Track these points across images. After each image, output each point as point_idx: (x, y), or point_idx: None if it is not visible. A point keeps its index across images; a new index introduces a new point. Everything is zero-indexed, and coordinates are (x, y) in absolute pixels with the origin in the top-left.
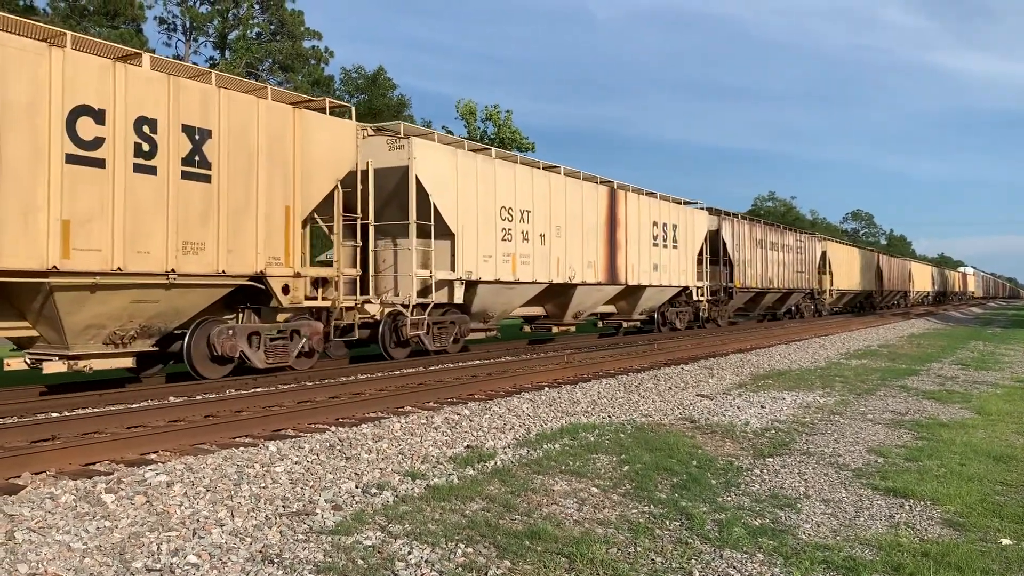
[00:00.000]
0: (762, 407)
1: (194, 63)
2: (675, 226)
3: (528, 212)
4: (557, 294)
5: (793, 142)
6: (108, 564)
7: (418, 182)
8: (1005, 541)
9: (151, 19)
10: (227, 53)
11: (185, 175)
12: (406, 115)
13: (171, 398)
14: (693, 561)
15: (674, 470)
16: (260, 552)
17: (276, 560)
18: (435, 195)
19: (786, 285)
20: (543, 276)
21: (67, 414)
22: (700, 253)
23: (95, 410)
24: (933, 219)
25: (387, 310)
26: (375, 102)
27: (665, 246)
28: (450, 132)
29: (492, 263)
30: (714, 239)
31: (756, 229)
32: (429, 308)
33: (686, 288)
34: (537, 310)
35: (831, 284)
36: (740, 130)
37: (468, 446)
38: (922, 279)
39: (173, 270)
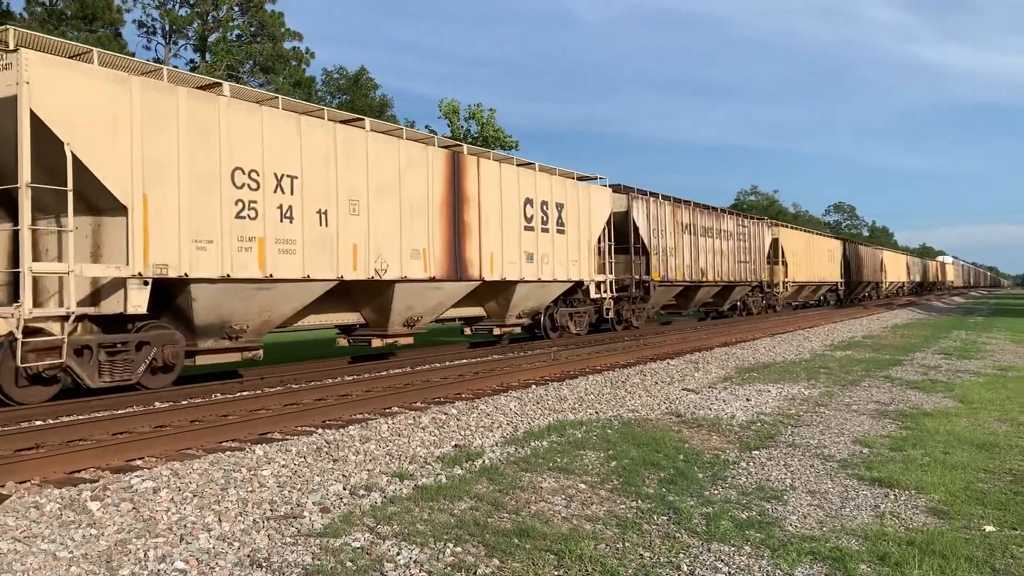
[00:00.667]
0: (748, 400)
1: (175, 66)
2: (561, 205)
3: (294, 179)
4: (370, 294)
5: (776, 137)
6: (95, 572)
7: (38, 120)
8: (988, 528)
9: (130, 23)
10: (207, 56)
11: None
12: (389, 115)
13: (156, 403)
14: (681, 555)
15: (661, 465)
16: (248, 556)
17: (264, 564)
18: (77, 143)
19: (726, 277)
20: (326, 271)
21: (51, 422)
22: (600, 240)
23: (80, 417)
24: (915, 210)
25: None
26: (357, 103)
27: (546, 230)
28: (433, 132)
29: (217, 250)
30: (623, 222)
31: (682, 211)
32: (70, 322)
33: (580, 283)
34: (349, 316)
35: (785, 276)
36: (723, 126)
37: (456, 445)
38: (896, 269)
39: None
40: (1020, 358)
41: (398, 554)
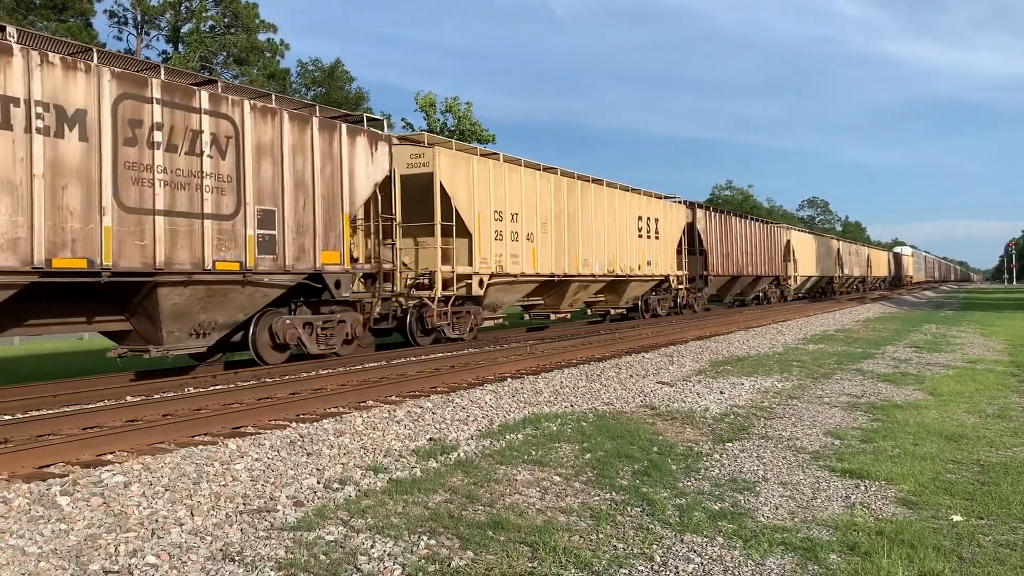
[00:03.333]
0: (721, 393)
1: (146, 57)
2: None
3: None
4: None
5: (750, 132)
6: (64, 568)
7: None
8: (956, 518)
9: (100, 12)
10: (180, 47)
11: None
12: (364, 108)
13: (128, 397)
14: (654, 546)
15: (635, 457)
16: (220, 550)
17: (237, 558)
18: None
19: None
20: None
21: (20, 416)
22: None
23: (49, 411)
24: (886, 205)
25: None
26: (333, 95)
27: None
28: (410, 125)
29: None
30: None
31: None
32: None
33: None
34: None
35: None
36: (698, 121)
37: (431, 439)
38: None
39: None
40: (989, 351)
41: (372, 547)
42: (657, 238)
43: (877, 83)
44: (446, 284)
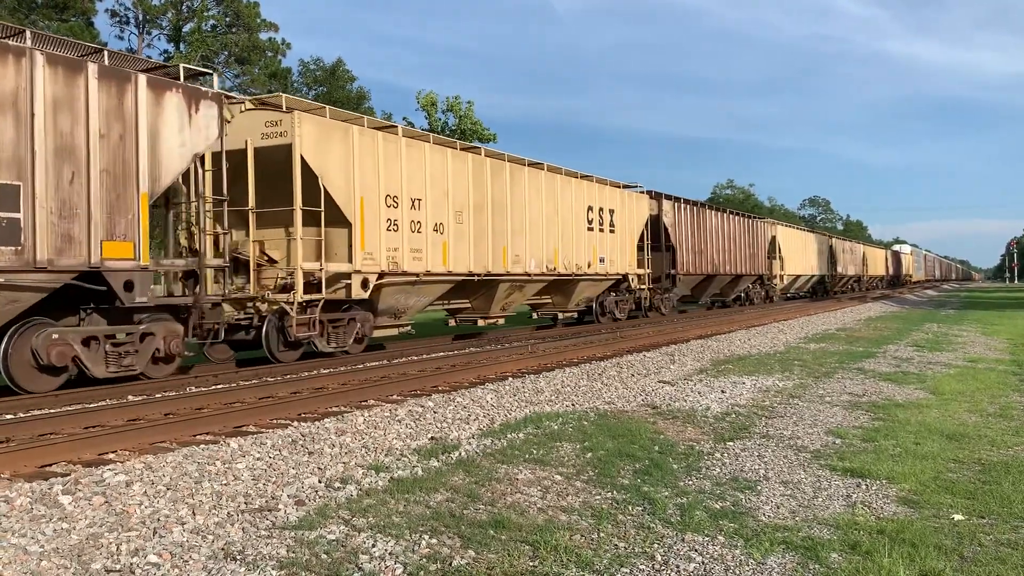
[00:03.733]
0: (722, 392)
1: (147, 56)
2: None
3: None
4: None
5: (751, 131)
6: (66, 566)
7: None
8: (957, 517)
9: (102, 12)
10: (182, 46)
11: None
12: (366, 107)
13: (129, 396)
14: (656, 545)
15: (636, 456)
16: (222, 549)
17: (238, 557)
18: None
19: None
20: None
21: (22, 415)
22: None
23: (51, 411)
24: (888, 204)
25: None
26: (334, 94)
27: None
28: (411, 124)
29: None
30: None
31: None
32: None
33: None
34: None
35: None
36: (699, 119)
37: (432, 438)
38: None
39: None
40: (990, 350)
41: (373, 546)
42: (612, 232)
43: (879, 82)
44: (311, 286)
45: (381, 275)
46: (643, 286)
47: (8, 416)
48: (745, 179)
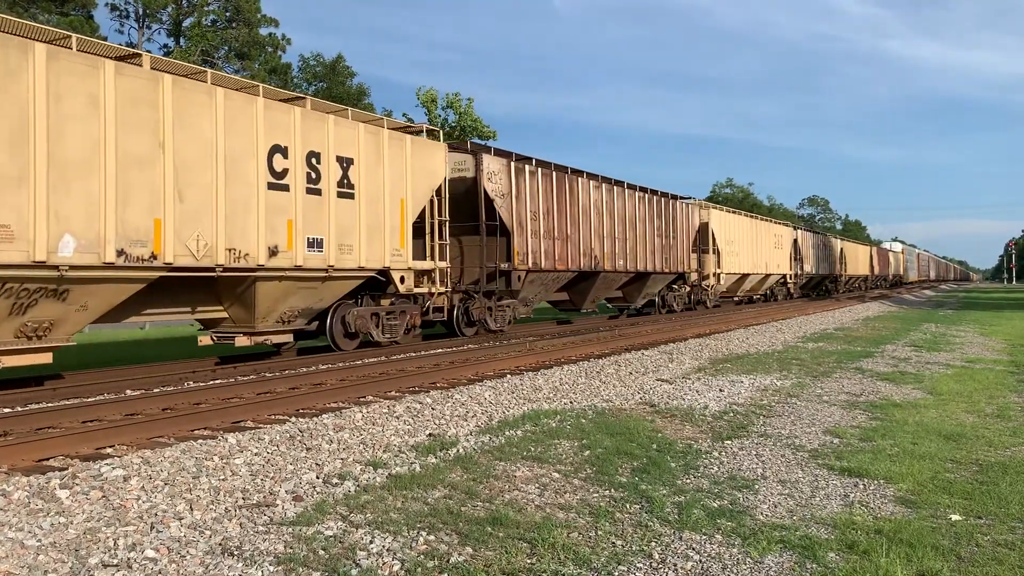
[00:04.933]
0: (721, 391)
1: (147, 51)
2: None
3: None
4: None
5: (752, 129)
6: (63, 561)
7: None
8: (954, 517)
9: (102, 6)
10: (182, 41)
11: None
12: (366, 103)
13: (128, 391)
14: (653, 544)
15: (634, 454)
16: (220, 545)
17: (236, 552)
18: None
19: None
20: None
21: (20, 409)
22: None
23: (49, 404)
24: (887, 204)
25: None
26: (334, 90)
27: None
28: (410, 120)
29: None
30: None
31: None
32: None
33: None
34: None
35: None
36: (699, 118)
37: (430, 434)
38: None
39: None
40: (988, 351)
41: (371, 542)
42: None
43: (880, 81)
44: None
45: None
46: (420, 288)
47: (6, 409)
48: (745, 178)
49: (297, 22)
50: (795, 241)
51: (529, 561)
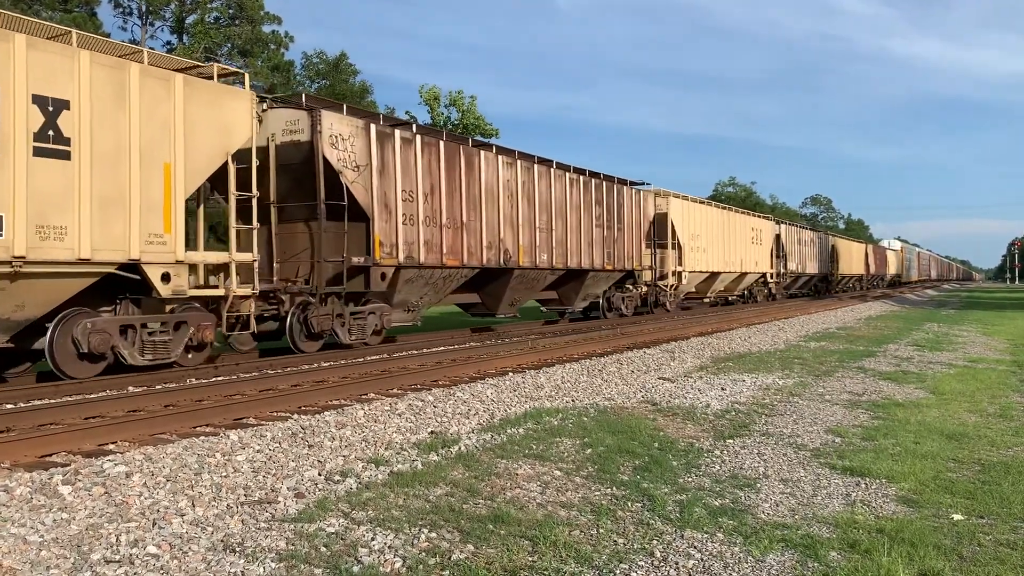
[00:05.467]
0: (723, 389)
1: (151, 48)
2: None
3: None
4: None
5: (755, 128)
6: (66, 556)
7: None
8: (957, 516)
9: (105, 2)
10: (185, 38)
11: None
12: (369, 100)
13: (130, 388)
14: (655, 542)
15: (636, 452)
16: (221, 541)
17: (238, 549)
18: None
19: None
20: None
21: (22, 405)
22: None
23: (51, 401)
24: (891, 203)
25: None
26: (337, 88)
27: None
28: (414, 118)
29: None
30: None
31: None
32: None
33: (765, 274)
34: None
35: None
36: (703, 117)
37: (432, 432)
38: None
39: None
40: (990, 350)
41: (372, 539)
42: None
43: (883, 80)
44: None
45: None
46: (217, 291)
47: (8, 406)
48: (748, 177)
49: (300, 19)
50: (777, 237)
51: (531, 559)
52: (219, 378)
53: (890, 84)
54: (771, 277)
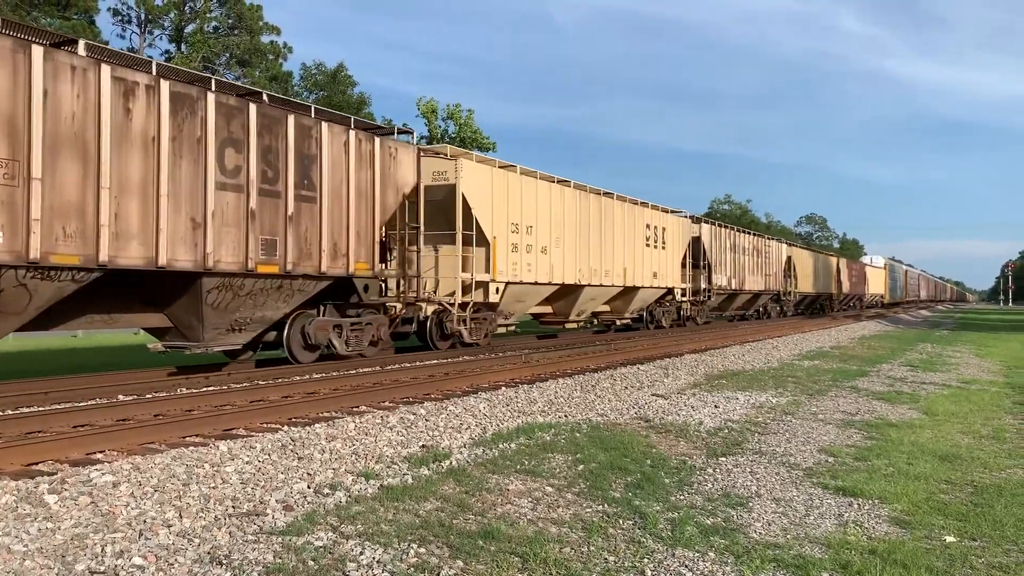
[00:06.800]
0: (716, 407)
1: (149, 56)
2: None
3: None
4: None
5: (751, 146)
6: (50, 567)
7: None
8: (949, 539)
9: (104, 10)
10: (183, 47)
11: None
12: (366, 112)
13: (120, 396)
14: (646, 560)
15: (628, 469)
16: (208, 553)
17: (225, 561)
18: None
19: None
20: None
21: (9, 412)
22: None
23: (40, 408)
24: (885, 223)
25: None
26: (335, 99)
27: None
28: (410, 130)
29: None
30: (695, 244)
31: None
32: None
33: (672, 289)
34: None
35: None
36: (698, 133)
37: (423, 446)
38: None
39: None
40: (984, 372)
41: (361, 554)
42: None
43: (879, 100)
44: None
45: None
46: (685, 298)
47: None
48: (744, 194)
49: (299, 30)
50: (696, 240)
51: None
52: (210, 388)
53: (888, 104)
54: (683, 294)
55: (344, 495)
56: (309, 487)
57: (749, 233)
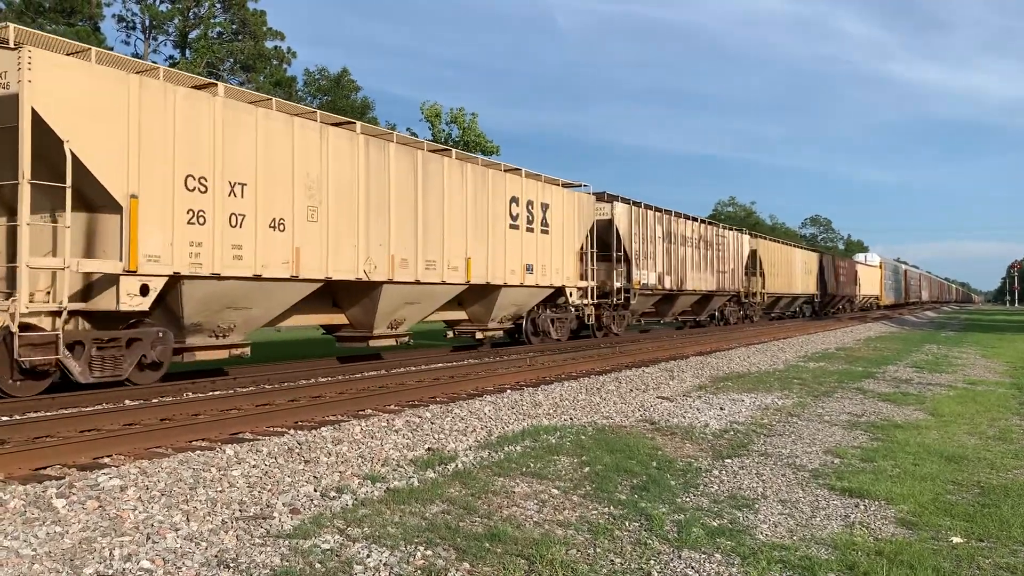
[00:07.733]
0: (721, 409)
1: (153, 62)
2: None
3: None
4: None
5: (754, 149)
6: (58, 570)
7: (617, 230)
8: (956, 539)
9: (109, 17)
10: (187, 52)
11: None
12: (370, 117)
13: (126, 401)
14: (652, 562)
15: (634, 471)
16: (216, 557)
17: (232, 564)
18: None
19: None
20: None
21: (18, 417)
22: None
23: (47, 413)
24: (891, 225)
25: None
26: (338, 103)
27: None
28: (414, 134)
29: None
30: (606, 230)
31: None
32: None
33: (562, 289)
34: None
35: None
36: (702, 137)
37: (429, 448)
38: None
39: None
40: (990, 372)
41: (368, 556)
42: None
43: (883, 104)
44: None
45: None
46: (586, 300)
47: (4, 418)
48: (747, 197)
49: (302, 35)
50: (608, 224)
51: None
52: (216, 392)
53: (892, 107)
54: (577, 295)
55: (350, 498)
56: (315, 490)
57: (693, 219)
